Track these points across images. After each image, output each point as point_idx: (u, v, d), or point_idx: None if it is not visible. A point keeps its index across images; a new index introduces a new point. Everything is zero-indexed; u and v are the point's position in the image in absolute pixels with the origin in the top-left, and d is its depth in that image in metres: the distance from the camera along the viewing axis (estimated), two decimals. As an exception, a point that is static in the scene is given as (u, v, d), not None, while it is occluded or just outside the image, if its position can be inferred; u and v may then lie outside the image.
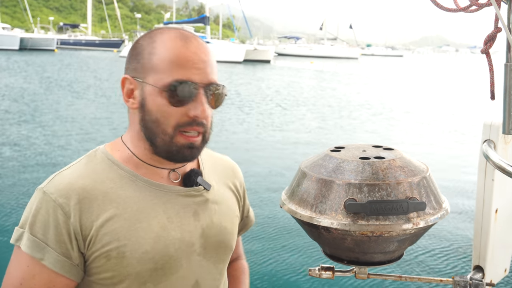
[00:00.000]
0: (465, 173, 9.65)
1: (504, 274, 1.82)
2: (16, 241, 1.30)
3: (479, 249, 1.68)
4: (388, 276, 1.60)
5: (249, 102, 19.65)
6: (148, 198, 1.37)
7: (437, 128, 15.46)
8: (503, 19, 1.20)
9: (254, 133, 13.58)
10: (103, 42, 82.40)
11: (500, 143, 1.60)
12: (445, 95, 25.46)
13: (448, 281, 1.61)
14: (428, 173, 1.39)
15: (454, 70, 59.08)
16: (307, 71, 42.64)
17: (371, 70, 50.57)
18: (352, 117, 16.81)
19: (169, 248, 1.35)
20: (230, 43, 62.47)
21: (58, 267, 1.27)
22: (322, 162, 1.42)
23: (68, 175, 1.34)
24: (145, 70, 1.34)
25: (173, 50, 1.31)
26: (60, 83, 24.33)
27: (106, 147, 1.44)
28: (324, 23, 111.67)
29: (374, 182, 1.31)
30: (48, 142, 11.25)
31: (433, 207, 1.35)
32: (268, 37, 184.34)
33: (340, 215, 1.31)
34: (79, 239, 1.28)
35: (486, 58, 1.32)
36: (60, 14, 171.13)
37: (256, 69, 42.62)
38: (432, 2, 1.24)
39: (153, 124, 1.33)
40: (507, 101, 1.25)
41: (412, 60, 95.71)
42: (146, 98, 1.34)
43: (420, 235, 1.39)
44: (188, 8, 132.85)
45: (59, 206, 1.27)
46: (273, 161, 10.30)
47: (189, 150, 1.35)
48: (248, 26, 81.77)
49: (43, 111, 15.94)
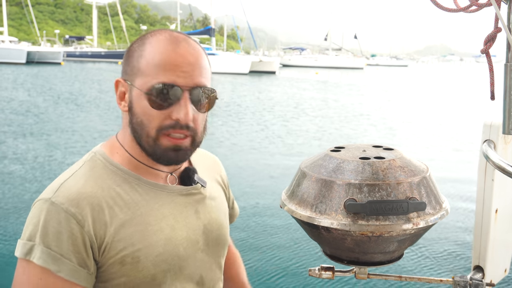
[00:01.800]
0: (465, 173, 9.65)
1: (504, 274, 1.81)
2: (25, 255, 1.24)
3: (479, 249, 1.67)
4: (388, 276, 1.60)
5: (252, 113, 19.66)
6: (154, 201, 1.38)
7: (439, 132, 15.49)
8: (503, 19, 1.21)
9: (255, 139, 13.62)
10: (109, 54, 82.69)
11: (500, 143, 1.60)
12: (450, 105, 25.43)
13: (448, 281, 1.60)
14: (428, 173, 1.39)
15: (459, 79, 58.98)
16: (312, 82, 42.65)
17: (377, 80, 50.53)
18: (359, 125, 16.80)
19: (179, 248, 1.37)
20: (236, 55, 62.59)
21: (76, 277, 1.24)
22: (322, 162, 1.42)
23: (75, 184, 1.31)
24: (133, 73, 1.34)
25: (160, 53, 1.31)
26: (69, 96, 24.43)
27: (104, 149, 1.43)
28: (328, 34, 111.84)
29: (374, 182, 1.32)
30: (51, 156, 11.29)
31: (433, 207, 1.35)
32: (272, 48, 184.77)
33: (340, 215, 1.31)
34: (94, 247, 1.26)
35: (486, 58, 1.32)
36: (65, 26, 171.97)
37: (262, 80, 42.68)
38: (432, 2, 1.24)
39: (138, 126, 1.33)
40: (507, 101, 1.25)
41: (417, 70, 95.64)
42: (133, 101, 1.34)
43: (420, 235, 1.39)
44: (192, 19, 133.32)
45: (72, 216, 1.25)
46: (273, 163, 10.33)
47: (174, 153, 1.34)
48: (253, 37, 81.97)
49: (52, 124, 16.01)
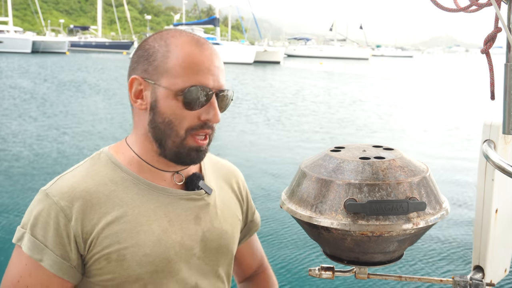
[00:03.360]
0: (465, 173, 9.62)
1: (504, 274, 1.81)
2: (17, 241, 1.32)
3: (479, 249, 1.67)
4: (388, 276, 1.60)
5: (258, 103, 19.66)
6: (150, 201, 1.38)
7: (440, 128, 15.42)
8: (503, 19, 1.20)
9: (258, 133, 13.61)
10: (113, 44, 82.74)
11: (500, 143, 1.60)
12: (454, 96, 25.34)
13: (448, 281, 1.60)
14: (428, 173, 1.39)
15: (464, 70, 58.72)
16: (317, 73, 42.54)
17: (382, 71, 50.33)
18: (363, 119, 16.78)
19: (169, 251, 1.36)
20: (240, 45, 62.49)
21: (56, 268, 1.28)
22: (322, 162, 1.42)
23: (71, 178, 1.35)
24: (158, 73, 1.35)
25: (189, 55, 1.33)
26: (75, 85, 24.51)
27: (110, 150, 1.45)
28: (334, 24, 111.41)
29: (374, 182, 1.32)
30: (59, 142, 11.34)
31: (433, 207, 1.35)
32: (277, 39, 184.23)
33: (340, 215, 1.31)
34: (79, 241, 1.29)
35: (486, 58, 1.32)
36: (70, 16, 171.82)
37: (266, 70, 42.61)
38: (432, 2, 1.24)
39: (166, 126, 1.34)
40: (507, 101, 1.25)
41: (422, 61, 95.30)
42: (158, 100, 1.35)
43: (420, 235, 1.39)
44: (197, 9, 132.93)
45: (61, 209, 1.29)
46: (275, 160, 10.33)
47: (197, 153, 1.37)
48: (258, 27, 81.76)
49: (62, 111, 16.07)
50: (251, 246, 1.77)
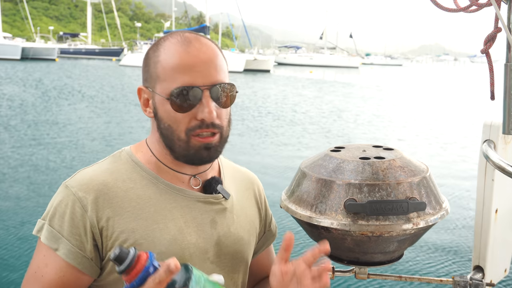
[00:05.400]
0: (465, 173, 9.66)
1: (504, 274, 1.82)
2: (37, 232, 1.35)
3: (479, 249, 1.67)
4: (388, 276, 1.60)
5: (246, 111, 19.67)
6: (167, 201, 1.38)
7: (438, 130, 15.51)
8: (503, 19, 1.21)
9: (248, 139, 13.61)
10: (103, 51, 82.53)
11: (500, 143, 1.60)
12: (445, 104, 25.50)
13: (448, 281, 1.61)
14: (428, 173, 1.39)
15: (453, 79, 59.08)
16: (307, 81, 42.64)
17: (374, 79, 50.47)
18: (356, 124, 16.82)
19: (184, 251, 1.35)
20: (230, 53, 62.45)
21: (71, 257, 1.29)
22: (322, 162, 1.42)
23: (91, 172, 1.38)
24: (153, 80, 1.36)
25: (174, 57, 1.33)
26: (64, 92, 24.40)
27: (131, 148, 1.46)
28: (324, 32, 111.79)
29: (374, 182, 1.32)
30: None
31: (433, 207, 1.35)
32: (267, 46, 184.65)
33: (340, 215, 1.31)
34: (95, 232, 1.30)
35: (486, 58, 1.32)
36: (59, 23, 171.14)
37: (256, 79, 42.64)
38: (432, 2, 1.24)
39: (167, 131, 1.35)
40: (507, 101, 1.25)
41: (411, 69, 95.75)
42: (157, 107, 1.36)
43: (420, 235, 1.39)
44: (187, 17, 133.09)
45: (78, 200, 1.31)
46: (271, 163, 10.32)
47: (206, 151, 1.35)
48: (248, 35, 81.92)
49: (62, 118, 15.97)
50: (269, 255, 1.72)
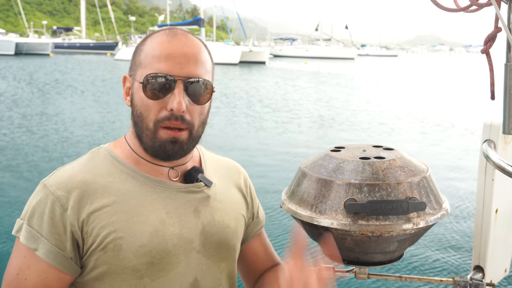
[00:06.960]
0: (465, 173, 9.66)
1: (504, 274, 1.82)
2: (16, 232, 1.32)
3: (479, 249, 1.68)
4: (388, 276, 1.60)
5: (241, 104, 19.64)
6: (147, 193, 1.37)
7: (436, 128, 15.47)
8: (503, 19, 1.20)
9: (244, 134, 13.59)
10: (98, 45, 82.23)
11: (500, 143, 1.60)
12: (450, 95, 25.49)
13: (448, 281, 1.61)
14: (428, 173, 1.39)
15: (449, 69, 59.08)
16: (303, 73, 42.59)
17: (371, 71, 50.38)
18: (351, 120, 16.82)
19: (167, 243, 1.34)
20: (225, 45, 62.32)
21: (51, 258, 1.28)
22: (322, 162, 1.42)
23: (70, 169, 1.36)
24: (135, 67, 1.37)
25: (157, 45, 1.33)
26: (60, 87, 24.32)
27: (110, 145, 1.46)
28: (319, 24, 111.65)
29: (374, 182, 1.31)
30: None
31: (433, 207, 1.35)
32: (262, 39, 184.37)
33: (340, 215, 1.31)
34: (75, 231, 1.28)
35: (486, 58, 1.32)
36: (53, 17, 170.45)
37: (252, 71, 42.59)
38: (432, 2, 1.24)
39: (138, 119, 1.35)
40: (507, 101, 1.25)
41: (407, 60, 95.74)
42: (134, 94, 1.36)
43: (420, 235, 1.39)
44: (182, 10, 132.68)
45: (57, 199, 1.29)
46: (269, 162, 10.32)
47: (171, 145, 1.33)
48: (243, 27, 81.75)
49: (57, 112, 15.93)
50: (262, 242, 1.71)
